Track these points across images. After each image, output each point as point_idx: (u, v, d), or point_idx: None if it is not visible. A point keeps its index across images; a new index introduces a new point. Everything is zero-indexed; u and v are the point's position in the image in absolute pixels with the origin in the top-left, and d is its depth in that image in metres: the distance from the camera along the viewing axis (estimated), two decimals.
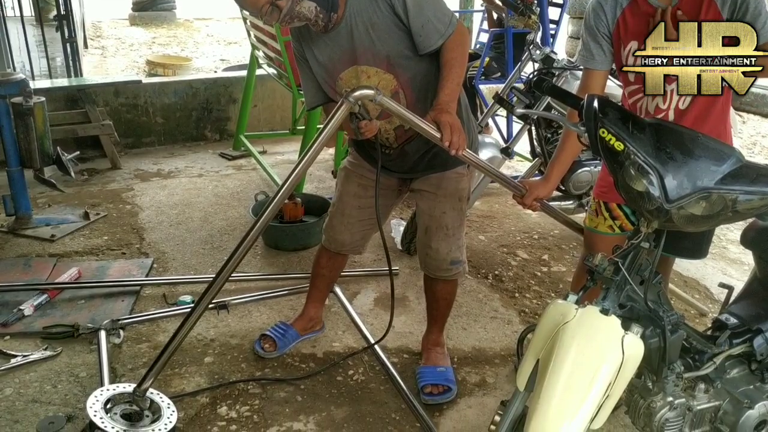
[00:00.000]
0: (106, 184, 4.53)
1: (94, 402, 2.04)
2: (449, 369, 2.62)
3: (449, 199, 2.41)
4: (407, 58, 2.17)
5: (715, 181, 1.47)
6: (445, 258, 2.46)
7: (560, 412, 1.52)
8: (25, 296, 3.02)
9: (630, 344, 1.61)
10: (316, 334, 2.89)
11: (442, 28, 2.11)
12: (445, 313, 2.67)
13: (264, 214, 2.12)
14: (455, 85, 2.11)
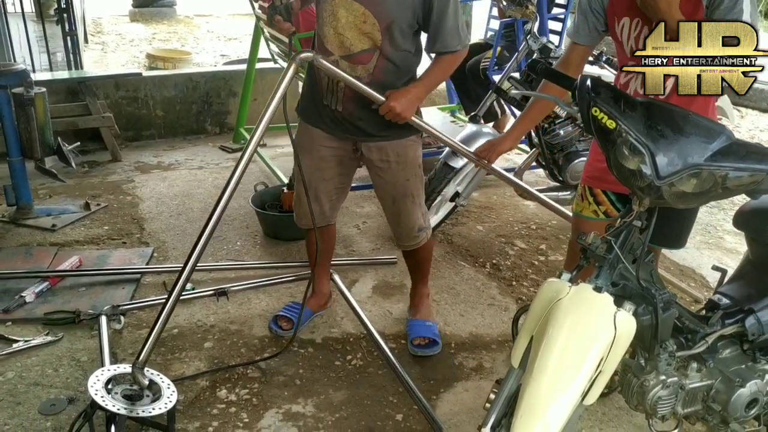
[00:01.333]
0: (107, 176, 4.55)
1: (95, 381, 2.06)
2: (435, 324, 2.82)
3: (410, 167, 2.53)
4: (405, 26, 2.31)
5: (705, 157, 1.50)
6: (414, 225, 2.61)
7: (552, 386, 1.54)
8: (26, 283, 3.05)
9: (622, 321, 1.64)
10: (324, 312, 2.97)
11: (460, 40, 2.33)
12: (426, 271, 2.85)
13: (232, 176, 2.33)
14: (428, 86, 2.43)
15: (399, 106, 2.31)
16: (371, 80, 2.37)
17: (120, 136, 5.03)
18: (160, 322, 2.18)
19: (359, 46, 2.34)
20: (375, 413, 2.39)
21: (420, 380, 2.54)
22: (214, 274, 3.27)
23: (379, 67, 2.37)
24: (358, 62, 2.37)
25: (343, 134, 2.51)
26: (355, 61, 2.37)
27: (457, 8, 2.29)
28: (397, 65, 2.39)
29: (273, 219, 3.63)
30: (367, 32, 2.30)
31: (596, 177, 2.22)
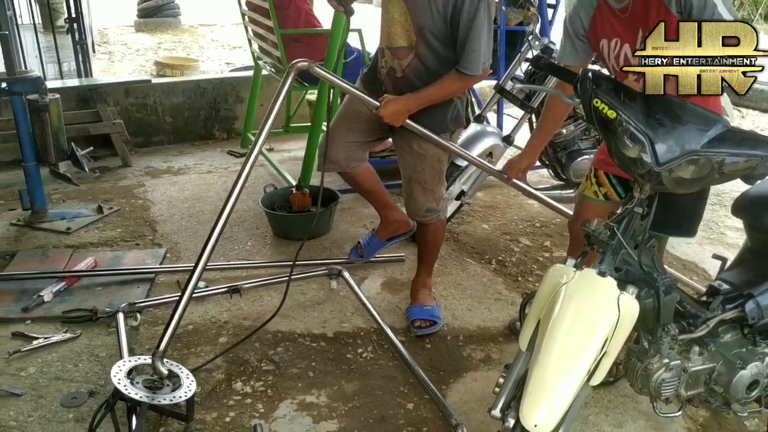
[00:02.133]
0: (118, 181, 4.64)
1: (117, 371, 2.14)
2: (435, 307, 2.93)
3: (428, 160, 2.71)
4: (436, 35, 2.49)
5: (702, 144, 1.58)
6: (422, 206, 2.80)
7: (558, 367, 1.62)
8: (44, 284, 3.13)
9: (625, 303, 1.71)
10: (405, 237, 3.25)
11: (473, 68, 2.45)
12: (431, 256, 2.98)
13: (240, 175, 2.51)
14: (429, 97, 2.54)
15: (388, 113, 2.53)
16: (403, 76, 2.62)
17: (130, 142, 5.12)
18: (178, 312, 2.28)
19: (399, 42, 2.58)
20: (387, 402, 2.46)
21: (430, 371, 2.61)
22: (226, 273, 3.34)
23: (412, 66, 2.59)
24: (397, 56, 2.62)
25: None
26: (395, 55, 2.63)
27: (482, 35, 2.39)
28: (429, 69, 2.56)
29: (282, 219, 3.71)
30: (407, 30, 2.53)
31: (602, 160, 2.34)
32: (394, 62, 2.64)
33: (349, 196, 4.24)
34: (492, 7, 2.43)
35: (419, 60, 2.56)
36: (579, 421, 2.37)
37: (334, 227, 3.88)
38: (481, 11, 2.36)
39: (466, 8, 2.36)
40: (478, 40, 2.39)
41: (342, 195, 4.07)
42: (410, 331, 2.86)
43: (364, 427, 2.33)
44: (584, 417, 2.39)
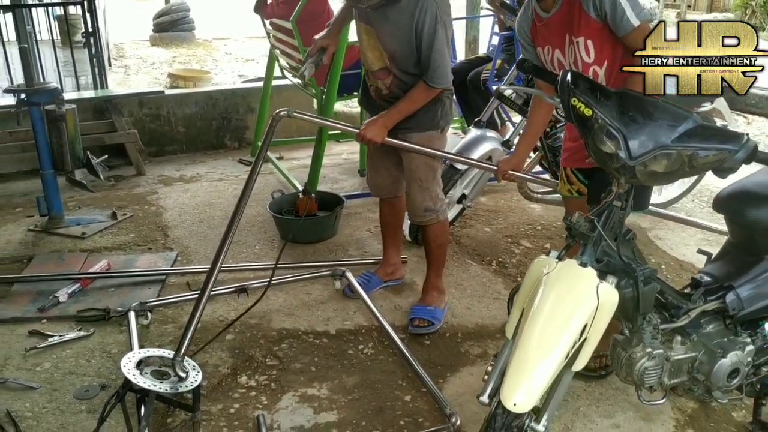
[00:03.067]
0: (132, 189, 4.78)
1: (127, 362, 2.25)
2: (438, 309, 3.02)
3: (422, 156, 2.84)
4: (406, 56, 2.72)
5: (672, 139, 1.67)
6: (420, 206, 2.93)
7: (538, 349, 1.71)
8: (59, 285, 3.26)
9: (604, 292, 1.80)
10: (398, 282, 3.36)
11: (441, 80, 2.67)
12: (437, 257, 3.07)
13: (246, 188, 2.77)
14: (401, 112, 2.76)
15: (369, 133, 2.78)
16: (389, 93, 2.86)
17: (144, 151, 5.27)
18: (198, 313, 2.46)
19: (377, 65, 2.81)
20: (385, 395, 2.55)
21: (428, 366, 2.70)
22: (234, 274, 3.46)
23: (394, 84, 2.82)
24: (378, 78, 2.86)
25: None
26: (375, 77, 2.86)
27: (443, 52, 2.63)
28: (409, 84, 2.77)
29: (289, 224, 3.82)
30: (381, 54, 2.77)
31: (566, 158, 2.47)
32: (377, 83, 2.88)
33: (355, 202, 4.37)
34: (448, 26, 2.67)
35: (397, 78, 2.79)
36: (570, 412, 2.45)
37: (339, 231, 3.99)
38: (439, 32, 2.60)
39: (426, 31, 2.59)
40: (441, 57, 2.62)
41: (348, 200, 4.20)
42: (409, 329, 2.95)
43: (362, 418, 2.43)
44: (575, 408, 2.47)
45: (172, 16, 11.84)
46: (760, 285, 2.11)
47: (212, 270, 2.59)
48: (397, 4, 2.60)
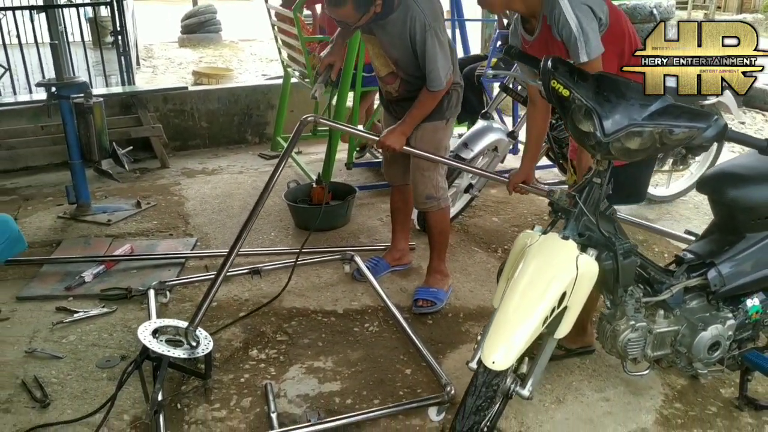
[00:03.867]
0: (156, 180, 4.99)
1: (143, 330, 2.42)
2: (441, 290, 3.15)
3: (425, 145, 3.00)
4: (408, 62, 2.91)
5: (643, 117, 1.78)
6: (422, 193, 3.09)
7: (516, 312, 1.83)
8: (85, 267, 3.46)
9: (584, 263, 1.92)
10: (405, 267, 3.50)
11: (436, 84, 2.83)
12: (439, 242, 3.20)
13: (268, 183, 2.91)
14: (415, 118, 2.93)
15: (388, 141, 2.94)
16: (399, 95, 3.06)
17: (168, 145, 5.49)
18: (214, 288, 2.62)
19: (384, 71, 3.03)
20: (387, 368, 2.69)
21: (429, 343, 2.83)
22: (250, 258, 3.62)
23: (402, 87, 3.02)
24: (386, 83, 3.07)
25: (397, 116, 3.09)
26: (384, 82, 3.08)
27: (435, 58, 2.79)
28: (414, 86, 2.95)
29: (303, 211, 3.98)
30: (386, 61, 2.97)
31: (572, 149, 2.55)
32: (387, 87, 3.08)
33: (367, 192, 4.51)
34: (439, 30, 2.79)
35: (405, 81, 2.98)
36: (563, 386, 2.56)
37: (352, 220, 4.14)
38: (429, 39, 2.75)
39: (418, 40, 2.77)
40: (434, 62, 2.78)
41: (361, 191, 4.35)
42: (412, 309, 3.08)
43: (363, 388, 2.57)
44: (568, 383, 2.58)
45: (199, 18, 12.12)
46: (741, 262, 2.20)
47: (231, 251, 2.73)
48: (390, 16, 2.77)
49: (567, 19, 2.12)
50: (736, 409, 2.44)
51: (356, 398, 2.51)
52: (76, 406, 2.47)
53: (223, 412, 2.43)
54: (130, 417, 2.41)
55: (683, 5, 15.17)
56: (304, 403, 2.48)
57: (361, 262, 3.40)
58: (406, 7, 2.76)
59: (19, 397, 2.52)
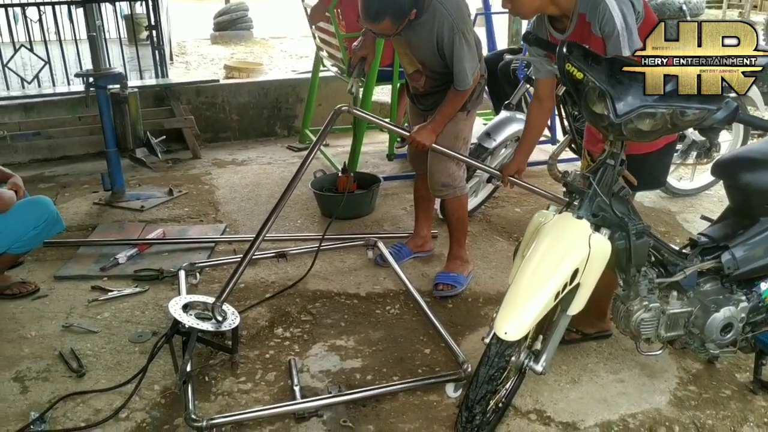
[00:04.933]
0: (188, 170, 5.14)
1: (174, 304, 2.54)
2: (461, 275, 3.22)
3: (445, 135, 3.06)
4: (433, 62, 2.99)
5: (654, 98, 1.83)
6: (438, 180, 3.15)
7: (529, 286, 1.90)
8: (119, 249, 3.60)
9: (596, 242, 1.98)
10: (428, 254, 3.60)
11: (463, 84, 2.90)
12: (457, 229, 3.27)
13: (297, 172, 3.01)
14: (445, 116, 3.00)
15: (419, 137, 2.99)
16: (425, 92, 3.16)
17: (200, 137, 5.63)
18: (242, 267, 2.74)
19: (411, 69, 3.12)
20: (406, 348, 2.77)
21: (449, 325, 2.90)
22: (277, 244, 3.72)
23: (427, 83, 3.11)
24: (413, 80, 3.17)
25: (423, 108, 3.22)
26: (411, 79, 3.19)
27: (462, 58, 2.83)
28: (440, 82, 3.05)
29: (329, 199, 4.08)
30: (413, 60, 3.05)
31: (588, 140, 2.60)
32: (413, 83, 3.18)
33: (392, 183, 4.60)
34: (467, 31, 2.85)
35: (430, 78, 3.07)
36: (578, 367, 2.61)
37: (376, 209, 4.23)
38: (457, 41, 2.82)
39: (446, 42, 2.84)
40: (462, 63, 2.85)
41: (386, 182, 4.44)
42: (433, 293, 3.16)
43: (383, 366, 2.65)
44: (584, 365, 2.63)
45: (231, 15, 12.30)
46: (755, 246, 2.24)
47: (259, 234, 2.84)
48: (419, 20, 2.83)
49: (612, 14, 2.15)
50: (750, 392, 2.47)
51: (376, 375, 2.60)
52: (110, 376, 2.60)
53: (248, 385, 2.54)
54: (160, 387, 2.53)
55: (718, 4, 14.96)
56: (326, 378, 2.57)
57: (384, 248, 3.49)
58: (434, 11, 2.81)
59: (56, 367, 2.66)
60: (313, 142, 3.06)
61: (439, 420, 2.34)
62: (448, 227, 3.35)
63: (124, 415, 2.37)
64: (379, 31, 2.85)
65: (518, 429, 2.30)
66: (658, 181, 2.55)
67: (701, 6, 6.76)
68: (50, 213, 3.14)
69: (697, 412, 2.38)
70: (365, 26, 2.92)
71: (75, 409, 2.41)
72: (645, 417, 2.34)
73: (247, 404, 2.43)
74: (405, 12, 2.75)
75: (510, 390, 2.27)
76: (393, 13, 2.73)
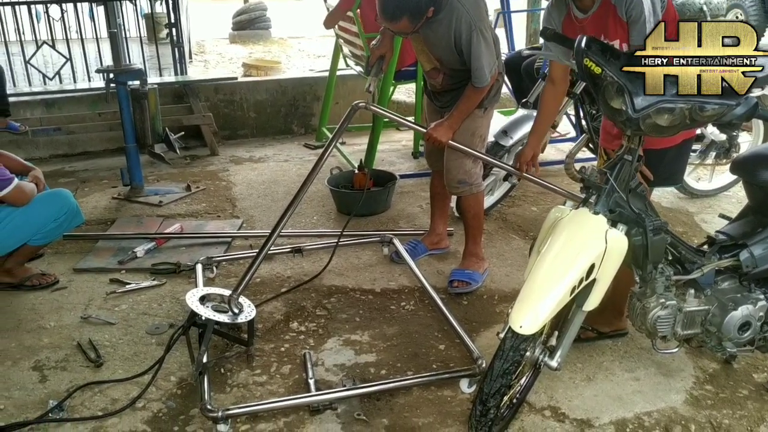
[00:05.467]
0: (206, 167, 5.17)
1: (191, 296, 2.56)
2: (476, 272, 3.21)
3: (462, 132, 3.07)
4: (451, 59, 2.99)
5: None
6: (454, 177, 3.15)
7: (545, 280, 1.90)
8: (137, 243, 3.64)
9: (613, 237, 1.97)
10: (443, 251, 3.59)
11: (481, 81, 2.90)
12: (473, 226, 3.27)
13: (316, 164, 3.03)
14: (462, 112, 2.99)
15: (436, 134, 3.00)
16: (442, 89, 3.15)
17: (218, 134, 5.67)
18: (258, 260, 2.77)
19: (429, 66, 3.12)
20: (421, 343, 2.78)
21: (463, 322, 2.90)
22: (293, 239, 3.74)
23: (445, 80, 3.11)
24: (431, 77, 3.16)
25: (440, 106, 3.21)
26: (429, 76, 3.18)
27: (480, 55, 2.84)
28: (457, 79, 3.04)
29: (346, 196, 4.10)
30: (430, 57, 3.05)
31: (604, 138, 2.59)
32: (432, 81, 3.18)
33: (409, 181, 4.61)
34: (484, 29, 2.85)
35: (448, 76, 3.07)
36: (594, 365, 2.60)
37: (392, 206, 4.23)
38: (474, 38, 2.81)
39: (463, 39, 2.84)
40: (479, 59, 2.85)
41: (402, 180, 4.45)
42: (448, 289, 3.16)
43: (398, 360, 2.66)
44: (599, 363, 2.62)
45: (249, 14, 12.36)
46: None
47: (275, 229, 2.87)
48: (436, 17, 2.83)
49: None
50: (767, 392, 2.45)
51: (390, 369, 2.61)
52: (127, 366, 2.63)
53: (263, 377, 2.55)
54: (176, 378, 2.55)
55: None
56: (341, 372, 2.58)
57: (399, 244, 3.49)
58: (451, 8, 2.81)
59: (75, 357, 2.69)
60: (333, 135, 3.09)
61: (453, 415, 2.34)
62: (464, 224, 3.35)
63: (141, 405, 2.39)
64: (396, 29, 2.86)
65: (532, 425, 2.29)
66: (676, 177, 2.54)
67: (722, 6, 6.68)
68: (70, 206, 3.18)
69: (713, 411, 2.36)
70: (383, 25, 2.93)
71: (93, 399, 2.44)
72: (660, 415, 2.33)
73: (262, 396, 2.44)
74: (422, 10, 2.76)
75: (524, 386, 2.27)
76: (410, 11, 2.74)
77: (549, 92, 2.74)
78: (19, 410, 2.37)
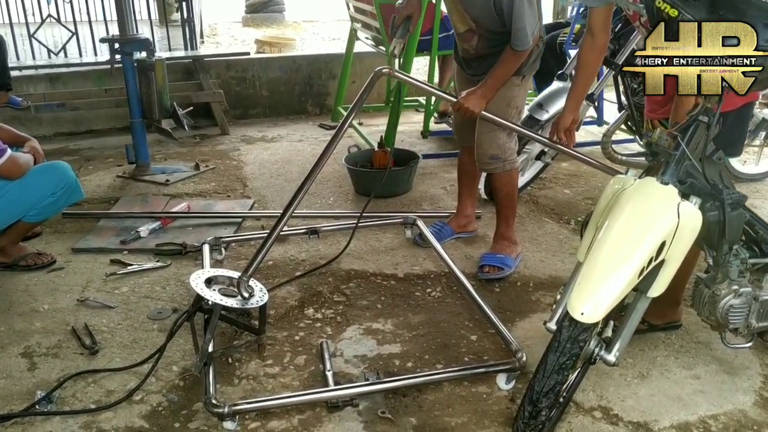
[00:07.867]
0: (216, 146, 4.91)
1: (196, 278, 2.30)
2: (508, 257, 2.95)
3: (496, 101, 2.78)
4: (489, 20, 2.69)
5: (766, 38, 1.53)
6: (486, 152, 2.88)
7: (608, 261, 1.62)
8: (142, 223, 3.38)
9: (686, 211, 1.68)
10: (470, 235, 3.31)
11: (522, 43, 2.61)
12: (505, 206, 3.00)
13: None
14: (498, 79, 2.71)
15: (467, 103, 2.73)
16: (476, 54, 2.85)
17: (229, 113, 5.40)
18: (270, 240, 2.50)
19: (462, 28, 2.82)
20: (451, 333, 2.50)
21: (497, 310, 2.61)
22: (308, 221, 3.47)
23: (480, 44, 2.81)
24: (464, 40, 2.85)
25: (473, 74, 2.91)
26: (462, 39, 2.87)
27: (523, 14, 2.56)
28: (493, 42, 2.75)
29: (364, 175, 3.82)
30: (464, 18, 2.76)
31: (651, 109, 2.33)
32: (465, 44, 2.87)
33: (431, 162, 4.33)
34: None
35: (484, 38, 2.78)
36: (647, 360, 2.32)
37: (414, 188, 3.95)
38: None
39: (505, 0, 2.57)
40: (521, 20, 2.56)
41: (424, 160, 4.17)
42: (477, 275, 2.89)
43: (425, 352, 2.39)
44: (652, 358, 2.34)
45: None
46: None
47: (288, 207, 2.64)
48: None
49: None
50: None
51: (417, 361, 2.34)
52: (125, 354, 2.38)
53: (275, 369, 2.29)
54: (179, 369, 2.29)
55: None
56: (362, 364, 2.31)
57: (424, 226, 3.21)
58: None
59: (68, 343, 2.45)
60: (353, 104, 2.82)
61: (490, 414, 2.06)
62: (495, 205, 3.06)
63: (139, 398, 2.14)
64: None
65: (581, 427, 2.01)
66: (735, 147, 2.26)
67: None
68: (68, 179, 2.93)
69: None
70: None
71: (85, 389, 2.18)
72: (728, 419, 2.04)
73: (273, 390, 2.18)
74: None
75: (572, 383, 1.99)
76: None
77: (588, 45, 2.46)
78: (3, 401, 2.12)
